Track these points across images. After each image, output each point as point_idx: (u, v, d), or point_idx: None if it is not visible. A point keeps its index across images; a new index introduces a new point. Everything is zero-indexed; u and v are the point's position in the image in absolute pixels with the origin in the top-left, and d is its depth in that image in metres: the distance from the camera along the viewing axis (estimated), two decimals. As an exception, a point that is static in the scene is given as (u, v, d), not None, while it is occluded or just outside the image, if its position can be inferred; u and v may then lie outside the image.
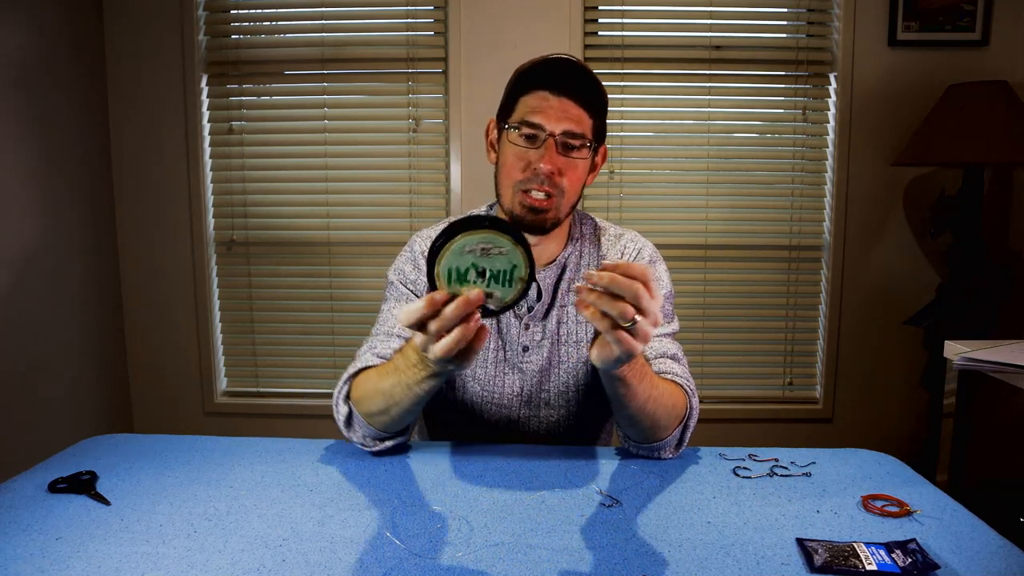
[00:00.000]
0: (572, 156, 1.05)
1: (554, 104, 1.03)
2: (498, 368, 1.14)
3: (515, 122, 1.05)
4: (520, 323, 1.14)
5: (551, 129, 1.03)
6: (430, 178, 2.48)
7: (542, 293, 1.14)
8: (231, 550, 0.77)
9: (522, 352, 1.14)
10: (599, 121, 1.08)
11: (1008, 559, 0.76)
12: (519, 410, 1.16)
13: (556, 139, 1.03)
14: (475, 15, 2.38)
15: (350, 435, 1.05)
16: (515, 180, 1.06)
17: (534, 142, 1.04)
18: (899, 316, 2.43)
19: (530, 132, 1.04)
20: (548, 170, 1.02)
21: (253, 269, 2.54)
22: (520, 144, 1.04)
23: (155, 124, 2.46)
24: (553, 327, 1.14)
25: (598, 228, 1.22)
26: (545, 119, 1.03)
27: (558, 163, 1.03)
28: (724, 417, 2.53)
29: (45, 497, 0.91)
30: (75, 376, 2.29)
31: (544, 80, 1.04)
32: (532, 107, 1.04)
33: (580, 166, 1.06)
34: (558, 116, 1.03)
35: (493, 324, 1.15)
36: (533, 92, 1.04)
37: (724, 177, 2.47)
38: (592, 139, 1.07)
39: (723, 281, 2.51)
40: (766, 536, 0.81)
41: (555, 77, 1.03)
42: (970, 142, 2.08)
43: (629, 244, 1.19)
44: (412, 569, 0.73)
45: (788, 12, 2.42)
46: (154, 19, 2.41)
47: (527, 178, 1.04)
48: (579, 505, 0.89)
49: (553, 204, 1.05)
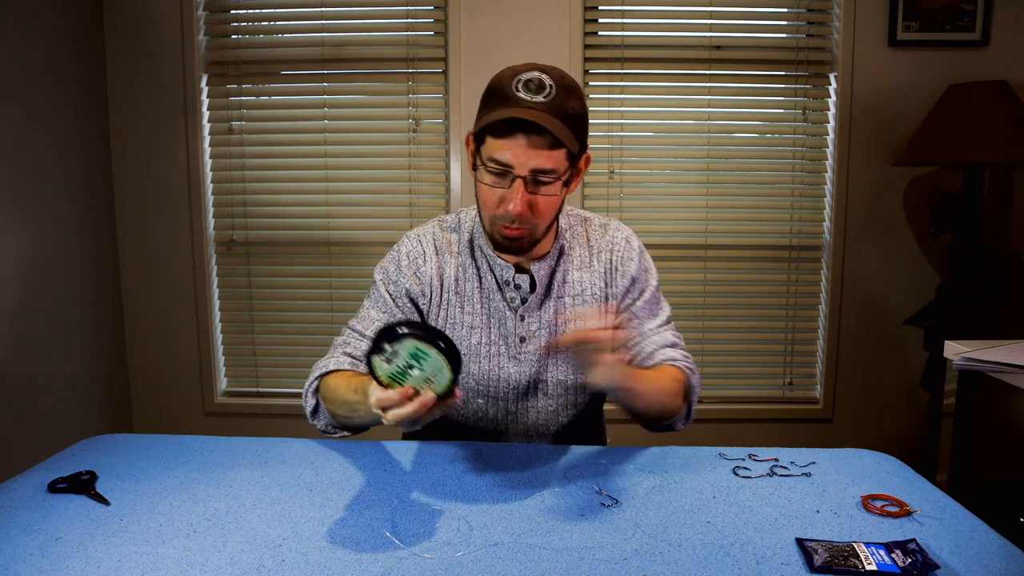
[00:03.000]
0: (542, 192, 1.03)
1: (521, 143, 0.99)
2: (492, 362, 1.16)
3: (484, 159, 1.04)
4: (516, 315, 1.15)
5: (518, 171, 1.01)
6: (430, 178, 2.48)
7: (536, 284, 1.15)
8: (230, 550, 0.77)
9: (519, 343, 1.15)
10: (576, 138, 1.04)
11: (1008, 559, 0.76)
12: (516, 401, 1.17)
13: (525, 179, 1.01)
14: (475, 15, 2.38)
15: (314, 422, 1.13)
16: (489, 213, 1.07)
17: (503, 179, 1.03)
18: (899, 316, 2.43)
19: (499, 170, 1.02)
20: (517, 213, 1.02)
21: (253, 269, 2.54)
22: (489, 182, 1.04)
23: (155, 124, 2.46)
24: (550, 317, 1.16)
25: (586, 220, 1.23)
26: (513, 158, 1.00)
27: (528, 201, 1.03)
28: (724, 417, 2.53)
29: (45, 497, 0.91)
30: (75, 376, 2.29)
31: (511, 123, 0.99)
32: (500, 145, 1.00)
33: (553, 197, 1.06)
34: (526, 155, 1.00)
35: (489, 318, 1.16)
36: (501, 130, 1.01)
37: (724, 177, 2.47)
38: (565, 169, 1.04)
39: (723, 281, 2.51)
40: (766, 536, 0.81)
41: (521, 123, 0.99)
42: (970, 142, 2.08)
43: (617, 235, 1.21)
44: (412, 569, 0.73)
45: (788, 12, 2.42)
46: (154, 19, 2.41)
47: (498, 216, 1.05)
48: (579, 505, 0.89)
49: (526, 233, 1.07)
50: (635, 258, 1.19)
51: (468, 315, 1.16)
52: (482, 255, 1.16)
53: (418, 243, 1.19)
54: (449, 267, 1.17)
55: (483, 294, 1.16)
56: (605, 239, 1.20)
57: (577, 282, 1.17)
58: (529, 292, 1.15)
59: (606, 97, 2.45)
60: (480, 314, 1.16)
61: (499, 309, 1.15)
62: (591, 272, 1.18)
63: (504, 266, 1.13)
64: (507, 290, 1.15)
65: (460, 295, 1.16)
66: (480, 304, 1.16)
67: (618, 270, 1.18)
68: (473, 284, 1.16)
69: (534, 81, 1.01)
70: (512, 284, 1.14)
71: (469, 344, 1.15)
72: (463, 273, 1.17)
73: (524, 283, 1.14)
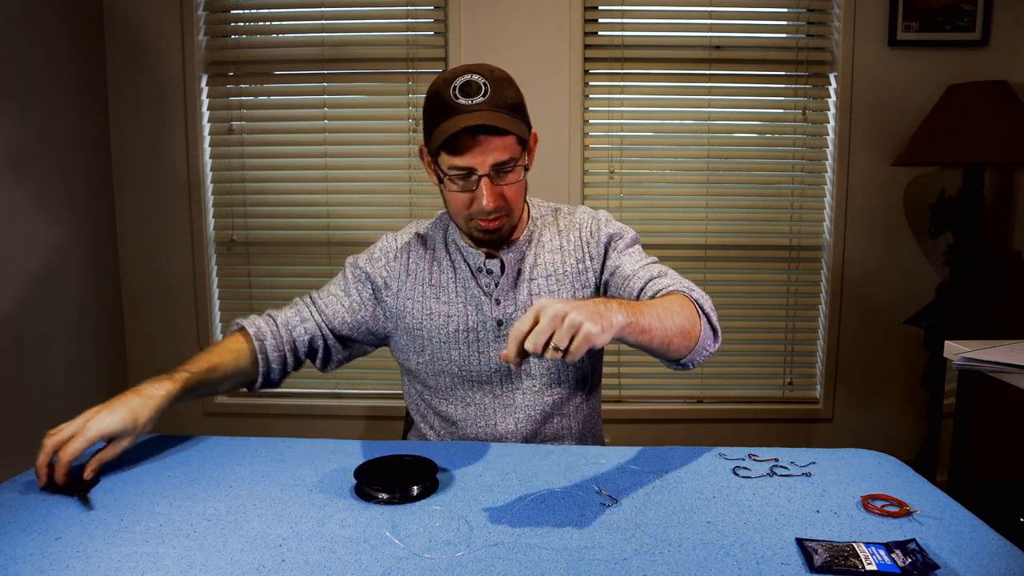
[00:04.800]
0: (507, 181, 1.10)
1: (477, 146, 1.05)
2: (472, 347, 1.20)
3: (446, 168, 1.09)
4: (491, 299, 1.20)
5: (481, 171, 1.07)
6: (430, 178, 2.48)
7: (505, 266, 1.19)
8: (230, 550, 0.77)
9: (497, 327, 1.20)
10: (521, 122, 1.10)
11: (1008, 559, 0.76)
12: (501, 384, 1.21)
13: (489, 175, 1.07)
14: (475, 15, 2.38)
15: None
16: (464, 215, 1.13)
17: (468, 181, 1.09)
18: (899, 316, 2.43)
19: (461, 174, 1.09)
20: (492, 207, 1.09)
21: (253, 269, 2.54)
22: (456, 188, 1.10)
23: (155, 124, 2.46)
24: (525, 298, 1.20)
25: (556, 210, 1.29)
26: (473, 160, 1.06)
27: (497, 193, 1.09)
28: (724, 417, 2.53)
29: (45, 497, 0.91)
30: (75, 376, 2.29)
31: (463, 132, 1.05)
32: (456, 152, 1.06)
33: (517, 182, 1.12)
34: (484, 155, 1.06)
35: (466, 306, 1.20)
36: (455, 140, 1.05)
37: (724, 177, 2.47)
38: (519, 153, 1.10)
39: (723, 281, 2.51)
40: (766, 536, 0.81)
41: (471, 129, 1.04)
42: (970, 142, 2.08)
43: (583, 215, 1.26)
44: (411, 569, 0.73)
45: (788, 12, 2.42)
46: (154, 19, 2.41)
47: (474, 213, 1.12)
48: (579, 505, 0.89)
49: (505, 221, 1.14)
50: (603, 225, 1.24)
51: (444, 304, 1.21)
52: (455, 247, 1.23)
53: (393, 240, 1.27)
54: (423, 261, 1.24)
55: (458, 283, 1.21)
56: (573, 220, 1.26)
57: (549, 263, 1.22)
58: (500, 276, 1.20)
59: (606, 97, 2.45)
60: (456, 303, 1.21)
61: (475, 296, 1.20)
62: (562, 253, 1.23)
63: (475, 253, 1.19)
64: (480, 276, 1.20)
65: (435, 286, 1.22)
66: (456, 293, 1.21)
67: (590, 242, 1.23)
68: (448, 275, 1.22)
69: (469, 84, 1.06)
70: (484, 270, 1.19)
71: (447, 332, 1.20)
72: (437, 266, 1.23)
73: (495, 267, 1.20)
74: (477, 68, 1.09)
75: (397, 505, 0.89)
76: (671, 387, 2.56)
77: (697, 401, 2.56)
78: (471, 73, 1.07)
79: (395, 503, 0.89)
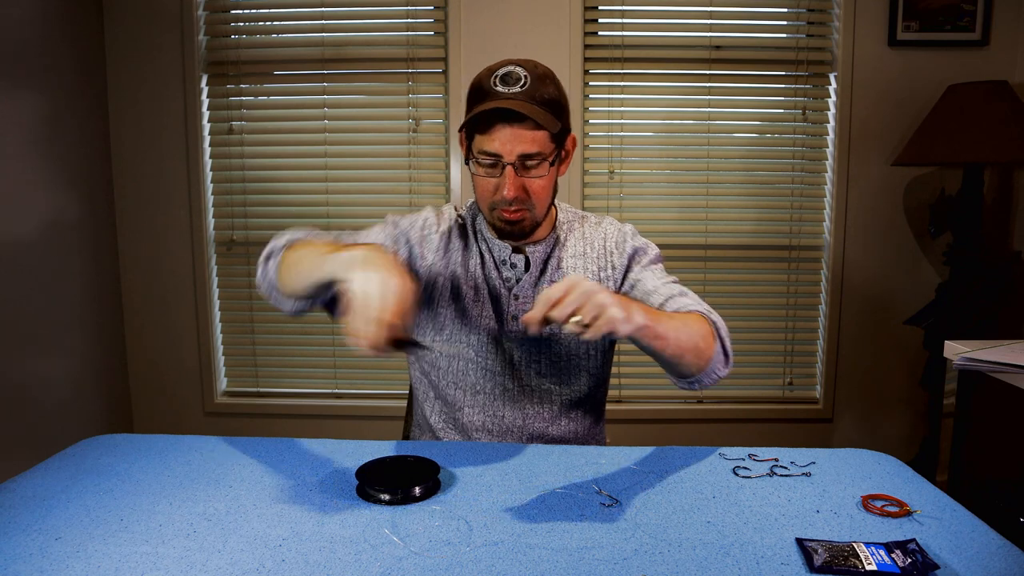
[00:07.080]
0: (532, 175, 1.10)
1: (506, 132, 1.07)
2: (491, 336, 1.21)
3: (475, 152, 1.11)
4: (510, 294, 1.20)
5: (507, 159, 1.08)
6: (430, 178, 2.48)
7: (530, 264, 1.20)
8: (231, 550, 0.77)
9: (512, 321, 1.20)
10: (559, 121, 1.11)
11: (1008, 559, 0.76)
12: (513, 379, 1.22)
13: (514, 165, 1.08)
14: (475, 15, 2.38)
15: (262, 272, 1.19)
16: (488, 202, 1.14)
17: (495, 168, 1.10)
18: (899, 316, 2.43)
19: (489, 160, 1.09)
20: (512, 197, 1.09)
21: (253, 269, 2.53)
22: (483, 173, 1.12)
23: (155, 124, 2.46)
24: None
25: (583, 217, 1.30)
26: (500, 147, 1.07)
27: (520, 185, 1.10)
28: (724, 417, 2.53)
29: (45, 497, 0.91)
30: (75, 376, 2.29)
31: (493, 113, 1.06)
32: (487, 137, 1.08)
33: (544, 177, 1.12)
34: (512, 142, 1.07)
35: (489, 293, 1.21)
36: (486, 123, 1.08)
37: (724, 177, 2.47)
38: (551, 151, 1.11)
39: (723, 281, 2.51)
40: (766, 536, 0.81)
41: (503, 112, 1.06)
42: (970, 142, 2.08)
43: (610, 226, 1.27)
44: (411, 568, 0.73)
45: (788, 12, 2.42)
46: (154, 19, 2.41)
47: (496, 201, 1.12)
48: (579, 505, 0.89)
49: (526, 215, 1.14)
50: (629, 238, 1.25)
51: (470, 288, 1.22)
52: (482, 237, 1.23)
53: (435, 216, 1.27)
54: (459, 241, 1.24)
55: (485, 271, 1.22)
56: (600, 228, 1.27)
57: (570, 267, 1.22)
58: (524, 272, 1.20)
59: (606, 97, 2.45)
60: (482, 289, 1.22)
61: (496, 287, 1.21)
62: (584, 259, 1.23)
63: (502, 246, 1.20)
64: (503, 269, 1.21)
65: (464, 269, 1.23)
66: (481, 279, 1.22)
67: (614, 252, 1.24)
68: (475, 260, 1.23)
69: (510, 74, 1.09)
70: (508, 263, 1.20)
71: (468, 315, 1.21)
72: (468, 251, 1.24)
73: (520, 263, 1.20)
74: (522, 62, 1.11)
75: (398, 506, 0.89)
76: (671, 387, 2.53)
77: (697, 401, 2.56)
78: (515, 65, 1.10)
79: (397, 504, 0.89)
